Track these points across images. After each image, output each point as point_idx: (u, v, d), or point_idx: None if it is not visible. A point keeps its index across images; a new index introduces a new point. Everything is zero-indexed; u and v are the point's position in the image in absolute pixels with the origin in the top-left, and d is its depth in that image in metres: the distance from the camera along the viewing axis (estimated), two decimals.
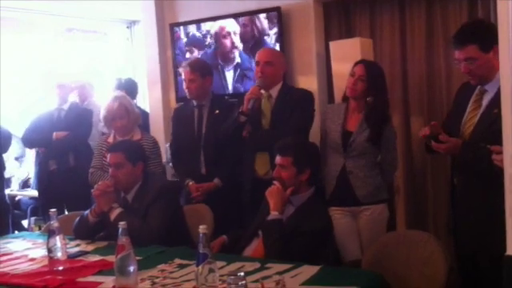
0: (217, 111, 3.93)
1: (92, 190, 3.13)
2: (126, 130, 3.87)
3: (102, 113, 3.93)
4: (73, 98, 5.44)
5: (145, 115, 5.17)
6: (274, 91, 3.69)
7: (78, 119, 5.02)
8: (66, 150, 4.89)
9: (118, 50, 6.85)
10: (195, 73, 3.91)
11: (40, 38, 6.28)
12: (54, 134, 4.89)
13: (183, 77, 4.01)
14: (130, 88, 5.36)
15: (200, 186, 3.85)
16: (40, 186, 5.28)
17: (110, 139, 3.92)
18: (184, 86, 4.01)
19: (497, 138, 2.38)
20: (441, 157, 3.70)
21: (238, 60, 4.66)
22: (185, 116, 4.04)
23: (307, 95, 3.71)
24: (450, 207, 2.83)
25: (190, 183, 3.89)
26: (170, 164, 4.49)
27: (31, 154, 6.23)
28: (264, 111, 3.68)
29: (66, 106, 5.08)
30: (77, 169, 4.77)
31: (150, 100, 5.42)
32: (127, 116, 3.86)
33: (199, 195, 3.83)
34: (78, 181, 4.63)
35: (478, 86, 2.71)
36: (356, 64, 3.38)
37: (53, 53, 6.37)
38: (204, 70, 3.98)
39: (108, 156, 3.26)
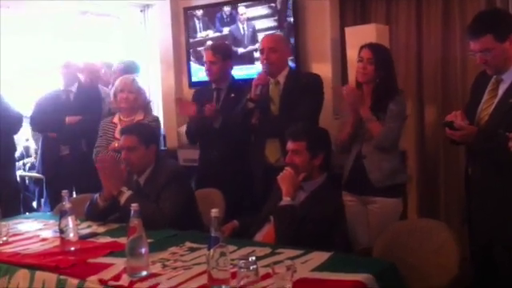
0: (232, 95, 3.91)
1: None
2: (128, 104, 3.86)
3: (115, 85, 3.95)
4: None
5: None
6: (281, 77, 3.67)
7: (89, 102, 4.84)
8: (78, 136, 4.72)
9: (129, 34, 6.80)
10: (216, 55, 3.90)
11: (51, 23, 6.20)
12: (67, 118, 4.77)
13: (204, 59, 4.00)
14: (129, 68, 4.96)
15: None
16: (48, 171, 5.06)
17: (116, 119, 3.92)
18: (205, 67, 4.00)
19: None
20: (454, 146, 3.66)
21: None
22: (203, 98, 4.00)
23: (315, 79, 3.69)
24: (465, 197, 2.80)
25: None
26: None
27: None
28: (272, 97, 3.66)
29: (73, 88, 4.94)
30: (89, 154, 4.50)
31: (162, 84, 5.41)
32: (137, 94, 3.89)
33: (212, 111, 3.76)
34: (90, 166, 4.59)
35: (494, 76, 2.68)
36: (362, 48, 3.35)
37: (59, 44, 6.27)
38: (225, 53, 3.98)
39: (121, 138, 3.25)
